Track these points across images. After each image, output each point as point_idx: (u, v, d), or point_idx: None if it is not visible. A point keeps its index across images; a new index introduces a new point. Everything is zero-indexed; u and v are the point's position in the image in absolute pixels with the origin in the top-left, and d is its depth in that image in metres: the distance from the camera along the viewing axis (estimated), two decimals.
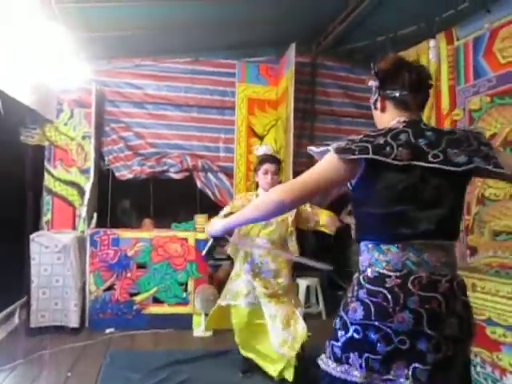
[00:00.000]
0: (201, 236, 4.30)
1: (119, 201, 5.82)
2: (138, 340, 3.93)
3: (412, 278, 1.28)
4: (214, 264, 5.00)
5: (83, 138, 4.71)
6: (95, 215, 4.63)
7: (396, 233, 1.32)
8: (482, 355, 2.56)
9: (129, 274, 4.22)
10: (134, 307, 4.21)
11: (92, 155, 4.68)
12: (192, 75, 5.10)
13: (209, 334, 4.06)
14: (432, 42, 3.99)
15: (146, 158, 4.97)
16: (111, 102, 4.98)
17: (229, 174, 5.17)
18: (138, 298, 4.23)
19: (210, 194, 5.12)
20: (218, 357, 3.45)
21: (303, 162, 5.02)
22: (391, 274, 1.30)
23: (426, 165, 1.30)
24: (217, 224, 1.76)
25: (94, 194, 4.81)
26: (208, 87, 5.15)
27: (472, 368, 2.61)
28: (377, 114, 1.51)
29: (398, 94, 1.42)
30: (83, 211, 4.59)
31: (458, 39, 3.92)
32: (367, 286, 1.32)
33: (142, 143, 5.02)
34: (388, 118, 1.46)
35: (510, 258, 3.21)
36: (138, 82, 5.00)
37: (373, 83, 1.48)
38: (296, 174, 4.42)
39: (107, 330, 4.06)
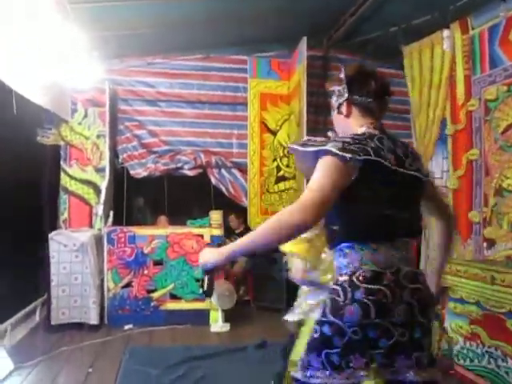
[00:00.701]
0: (216, 232, 4.33)
1: (134, 198, 5.88)
2: (156, 336, 3.97)
3: (402, 273, 1.36)
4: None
5: (98, 136, 4.76)
6: (111, 213, 4.68)
7: (385, 232, 1.40)
8: (503, 349, 2.52)
9: (146, 271, 4.26)
10: (152, 304, 4.25)
11: (107, 154, 4.73)
12: (204, 72, 5.11)
13: (226, 329, 4.08)
14: (446, 32, 3.93)
15: (159, 156, 5.01)
16: (124, 100, 5.01)
17: (242, 169, 5.18)
18: (155, 295, 4.27)
19: (224, 190, 5.14)
20: (236, 352, 3.47)
21: None
22: (385, 271, 1.35)
23: (407, 172, 1.40)
24: (212, 253, 1.42)
25: (110, 192, 4.86)
26: (220, 83, 5.15)
27: (492, 361, 2.59)
28: (340, 118, 1.55)
29: (364, 100, 1.48)
30: (99, 209, 4.65)
31: (472, 28, 3.85)
32: (364, 285, 1.32)
33: (155, 141, 5.06)
34: (353, 123, 1.51)
35: None
36: (150, 80, 5.03)
37: (336, 88, 1.54)
38: None
39: (126, 327, 4.11)
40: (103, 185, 4.70)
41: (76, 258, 4.04)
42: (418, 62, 4.58)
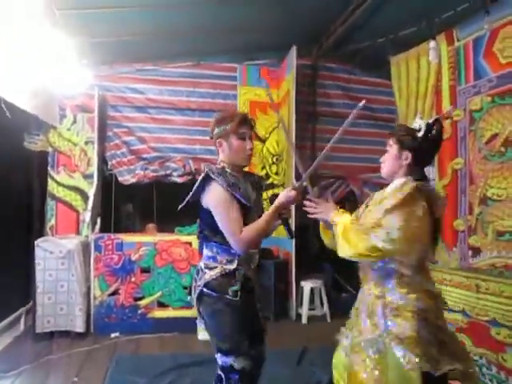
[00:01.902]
0: None
1: (122, 205, 5.84)
2: (143, 344, 3.93)
3: None
4: None
5: (86, 143, 4.74)
6: (99, 220, 4.65)
7: None
8: (488, 356, 2.55)
9: (133, 279, 4.23)
10: (139, 311, 4.22)
11: (95, 160, 4.71)
12: (193, 79, 5.13)
13: None
14: (432, 43, 3.99)
15: (148, 163, 5.00)
16: (114, 106, 5.01)
17: None
18: (142, 303, 4.24)
19: None
20: None
21: (306, 165, 5.04)
22: None
23: None
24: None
25: (98, 198, 4.83)
26: (210, 91, 5.17)
27: (477, 369, 2.62)
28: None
29: None
30: (87, 216, 4.62)
31: (458, 40, 3.93)
32: None
33: (144, 147, 5.05)
34: None
35: None
36: (140, 86, 5.03)
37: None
38: (298, 176, 4.43)
39: (112, 335, 4.06)
40: (91, 191, 4.67)
41: (62, 266, 4.00)
42: (405, 72, 4.65)
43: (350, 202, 5.60)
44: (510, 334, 2.40)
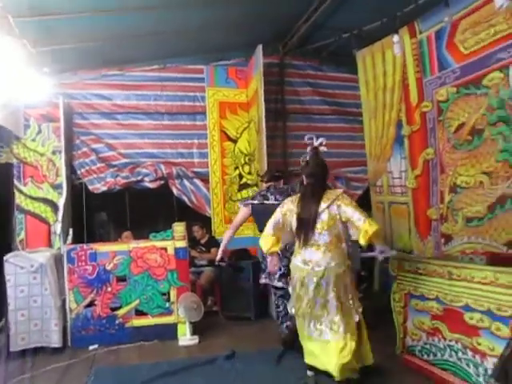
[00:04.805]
0: (180, 244, 4.25)
1: (96, 214, 5.72)
2: (123, 354, 3.85)
3: None
4: (196, 271, 4.96)
5: (53, 152, 4.61)
6: (71, 231, 4.53)
7: None
8: (463, 341, 2.60)
9: (109, 289, 4.14)
10: (117, 321, 4.13)
11: (63, 170, 4.59)
12: (160, 82, 5.07)
13: (194, 342, 4.02)
14: (396, 37, 4.05)
15: (119, 169, 4.91)
16: (80, 114, 4.90)
17: (204, 179, 5.15)
18: (120, 312, 4.15)
19: (186, 200, 5.08)
20: (205, 365, 3.41)
21: (278, 163, 5.04)
22: None
23: None
24: None
25: (68, 209, 4.71)
26: (177, 93, 5.12)
27: (454, 354, 2.66)
28: None
29: None
30: (58, 228, 4.50)
31: (420, 32, 3.99)
32: None
33: (114, 154, 4.96)
34: None
35: (482, 243, 3.30)
36: (105, 92, 4.94)
37: None
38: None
39: (91, 347, 3.97)
40: (61, 202, 4.55)
41: (34, 280, 3.88)
42: (371, 65, 4.70)
43: None
44: (483, 318, 2.44)
